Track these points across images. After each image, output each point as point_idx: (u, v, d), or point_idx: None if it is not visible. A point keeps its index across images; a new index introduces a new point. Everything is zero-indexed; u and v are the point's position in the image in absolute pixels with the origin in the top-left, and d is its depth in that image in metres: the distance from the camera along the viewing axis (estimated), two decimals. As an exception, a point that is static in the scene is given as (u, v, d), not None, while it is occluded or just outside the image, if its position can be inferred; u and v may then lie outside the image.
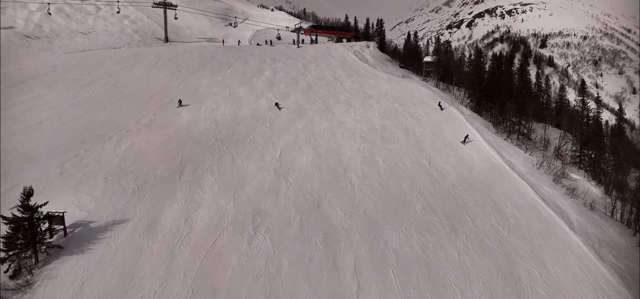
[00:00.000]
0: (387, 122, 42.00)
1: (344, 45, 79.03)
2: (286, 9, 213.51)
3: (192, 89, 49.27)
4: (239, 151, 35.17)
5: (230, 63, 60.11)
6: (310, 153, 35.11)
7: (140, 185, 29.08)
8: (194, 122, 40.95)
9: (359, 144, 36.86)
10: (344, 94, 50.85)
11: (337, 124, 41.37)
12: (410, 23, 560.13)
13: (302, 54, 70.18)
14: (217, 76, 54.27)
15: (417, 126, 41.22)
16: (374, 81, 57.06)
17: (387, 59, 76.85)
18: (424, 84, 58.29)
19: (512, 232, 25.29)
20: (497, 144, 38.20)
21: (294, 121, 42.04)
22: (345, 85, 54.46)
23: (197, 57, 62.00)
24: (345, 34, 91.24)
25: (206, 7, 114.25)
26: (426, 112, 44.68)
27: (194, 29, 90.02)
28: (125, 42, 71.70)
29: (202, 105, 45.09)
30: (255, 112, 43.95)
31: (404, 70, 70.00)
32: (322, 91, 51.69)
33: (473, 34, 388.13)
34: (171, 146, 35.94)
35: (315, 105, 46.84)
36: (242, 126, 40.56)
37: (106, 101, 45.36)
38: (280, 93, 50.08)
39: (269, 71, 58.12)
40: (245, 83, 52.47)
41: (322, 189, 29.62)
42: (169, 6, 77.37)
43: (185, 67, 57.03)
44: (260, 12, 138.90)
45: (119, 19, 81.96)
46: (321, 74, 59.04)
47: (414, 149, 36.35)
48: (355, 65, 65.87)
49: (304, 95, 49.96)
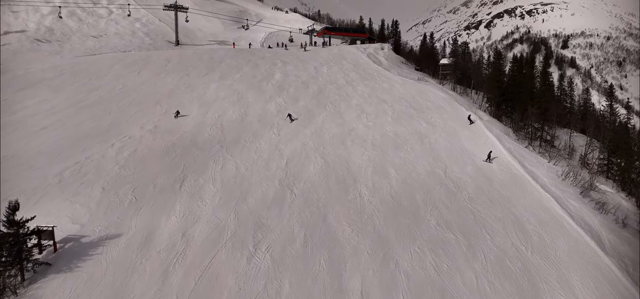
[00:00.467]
0: (401, 128, 40.03)
1: (358, 48, 77.18)
2: (301, 10, 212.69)
3: (200, 94, 48.12)
4: (243, 159, 33.71)
5: (240, 67, 58.90)
6: (318, 162, 33.41)
7: (138, 196, 27.82)
8: (199, 128, 39.73)
9: (370, 153, 35.00)
10: (355, 98, 49.02)
11: (348, 131, 39.57)
12: (427, 24, 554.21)
13: (314, 56, 68.60)
14: (226, 80, 53.06)
15: (432, 132, 39.14)
16: (387, 85, 55.09)
17: (402, 62, 74.70)
18: (440, 88, 56.05)
19: (536, 252, 23.12)
20: (518, 153, 35.87)
21: (303, 127, 40.41)
22: (358, 89, 52.62)
23: (207, 60, 60.99)
24: (359, 36, 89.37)
25: (219, 9, 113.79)
26: (442, 118, 42.52)
27: (205, 31, 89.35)
28: (136, 45, 71.25)
29: (208, 110, 43.87)
30: (263, 118, 42.49)
31: (419, 73, 67.79)
32: (333, 95, 49.96)
33: (492, 34, 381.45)
34: (174, 153, 34.72)
35: (325, 110, 45.15)
36: (249, 132, 39.13)
37: (112, 105, 44.55)
38: (290, 97, 48.56)
39: (279, 75, 56.69)
40: (254, 87, 51.11)
41: (329, 201, 27.88)
42: (179, 9, 76.76)
43: (193, 71, 56.02)
44: (274, 14, 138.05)
45: (131, 22, 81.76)
46: (333, 77, 57.32)
47: (428, 157, 34.31)
48: (368, 68, 63.95)
49: (314, 99, 48.33)
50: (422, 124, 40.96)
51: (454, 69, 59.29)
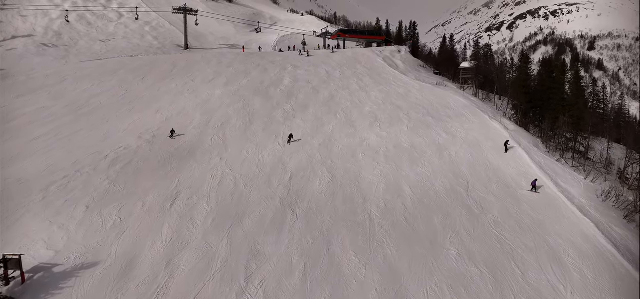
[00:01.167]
0: (417, 139, 36.76)
1: (373, 51, 74.03)
2: (317, 13, 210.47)
3: (204, 100, 45.76)
4: (244, 174, 31.01)
5: (248, 71, 56.45)
6: (325, 177, 30.46)
7: (123, 216, 25.33)
8: (200, 137, 37.29)
9: (382, 167, 31.88)
10: (369, 105, 45.93)
11: (359, 142, 36.53)
12: (447, 26, 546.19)
13: (327, 60, 65.75)
14: (232, 86, 50.63)
15: (452, 144, 35.75)
16: (403, 90, 51.82)
17: (420, 65, 71.25)
18: (461, 93, 52.49)
19: (577, 293, 19.66)
20: (550, 168, 32.22)
21: (311, 137, 37.57)
22: (371, 95, 49.51)
23: (214, 65, 58.76)
24: (374, 38, 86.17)
25: (232, 12, 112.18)
26: (463, 128, 39.07)
27: (216, 35, 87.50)
28: (144, 49, 69.65)
29: (212, 118, 41.44)
30: (268, 127, 39.83)
31: (438, 77, 64.25)
32: (345, 101, 46.98)
33: (514, 36, 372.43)
34: (170, 166, 32.27)
35: (336, 118, 42.21)
36: (252, 142, 36.48)
37: (111, 113, 42.49)
38: (299, 104, 45.80)
39: (288, 80, 54.02)
40: (261, 93, 48.52)
41: (335, 224, 24.90)
42: (189, 12, 74.98)
43: (199, 76, 53.80)
44: (289, 17, 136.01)
45: (140, 26, 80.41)
46: (345, 82, 54.33)
47: (448, 173, 30.98)
48: (383, 72, 60.77)
49: (325, 106, 45.44)
50: (441, 135, 37.60)
51: (475, 73, 55.60)
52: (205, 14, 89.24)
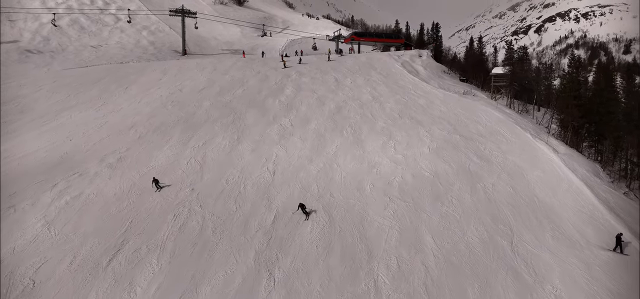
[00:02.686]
0: (442, 165, 29.46)
1: (391, 55, 66.82)
2: (334, 17, 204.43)
3: (188, 114, 39.47)
4: (216, 212, 24.39)
5: (245, 79, 50.07)
6: (320, 219, 23.53)
7: (39, 280, 18.93)
8: (173, 162, 30.90)
9: (396, 204, 24.73)
10: (382, 119, 38.84)
11: (368, 167, 29.48)
12: (470, 30, 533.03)
13: (337, 66, 58.91)
14: (225, 96, 44.28)
15: (487, 172, 28.33)
16: (425, 101, 44.49)
17: (444, 71, 63.66)
18: (493, 105, 44.85)
19: None
20: (622, 208, 24.46)
21: (308, 161, 30.72)
22: (386, 106, 42.38)
23: (208, 72, 52.61)
24: (393, 42, 78.89)
25: (241, 16, 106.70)
26: (500, 149, 31.59)
27: (220, 39, 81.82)
28: (137, 55, 64.24)
29: (193, 135, 35.06)
30: (258, 147, 33.19)
31: (465, 85, 56.62)
32: (355, 114, 40.00)
33: (542, 40, 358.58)
34: (128, 200, 25.93)
35: (342, 136, 35.25)
36: (235, 169, 29.85)
37: (79, 129, 36.57)
38: (299, 119, 39.07)
39: (291, 89, 47.36)
40: (256, 105, 41.99)
41: (327, 296, 17.90)
42: (187, 14, 69.30)
43: (189, 85, 47.67)
44: (303, 21, 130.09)
45: (137, 31, 75.30)
46: (356, 92, 47.34)
47: (484, 215, 23.62)
48: (401, 80, 53.54)
49: (330, 121, 38.56)
50: (472, 159, 30.18)
51: (511, 81, 47.69)
52: (207, 17, 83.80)
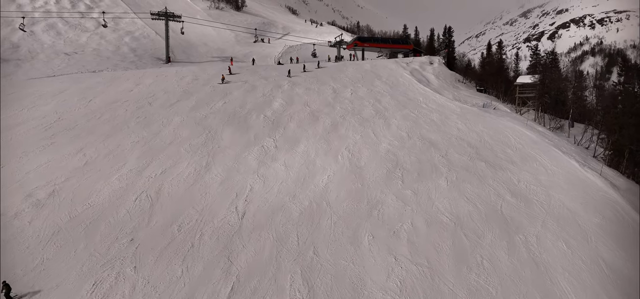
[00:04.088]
0: (465, 205, 22.56)
1: (398, 62, 60.20)
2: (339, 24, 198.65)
3: (152, 133, 33.00)
4: (152, 280, 17.84)
5: (229, 91, 43.65)
6: (297, 293, 16.73)
7: None
8: (119, 197, 24.44)
9: (404, 269, 17.90)
10: (387, 139, 32.09)
11: (367, 208, 22.70)
12: (480, 37, 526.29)
13: (337, 74, 52.34)
14: (200, 110, 37.82)
15: (527, 217, 21.39)
16: (438, 116, 37.69)
17: (459, 80, 56.83)
18: (521, 120, 37.89)
19: None
20: None
21: (290, 198, 24.05)
22: (392, 123, 35.65)
23: (188, 82, 46.27)
24: (400, 48, 72.21)
25: (239, 21, 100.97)
26: (540, 183, 24.61)
27: (211, 46, 75.75)
28: (114, 63, 58.20)
29: (152, 161, 28.57)
30: (229, 177, 26.61)
31: (484, 96, 49.75)
32: (354, 134, 33.30)
33: (556, 46, 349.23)
34: (42, 256, 19.44)
35: (336, 162, 28.53)
36: (195, 208, 23.26)
37: (15, 152, 30.22)
38: (286, 139, 32.47)
39: (280, 101, 40.85)
40: (237, 122, 35.49)
41: None
42: (171, 18, 63.19)
43: (161, 97, 41.29)
44: (305, 27, 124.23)
45: (119, 36, 69.44)
46: (357, 105, 40.70)
47: (532, 289, 16.69)
48: (410, 90, 46.82)
49: (323, 142, 31.90)
50: (505, 197, 23.23)
51: (541, 92, 40.55)
52: (198, 21, 77.83)
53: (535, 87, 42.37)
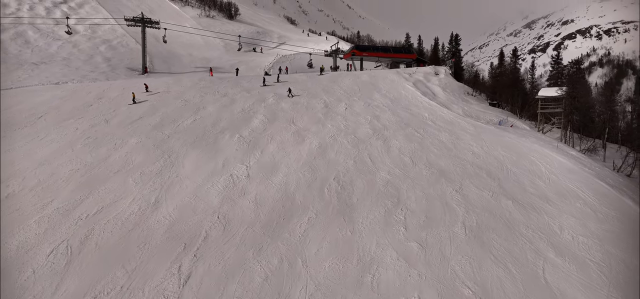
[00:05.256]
0: (493, 269, 16.50)
1: (400, 73, 54.52)
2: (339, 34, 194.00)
3: (98, 159, 27.16)
4: None
5: (203, 104, 37.95)
6: None
7: None
8: (34, 247, 18.77)
9: None
10: (387, 166, 26.18)
11: (358, 271, 16.71)
12: (484, 49, 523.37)
13: (331, 86, 46.66)
14: (164, 129, 32.02)
15: (584, 291, 15.29)
16: (448, 136, 31.81)
17: (468, 92, 51.08)
18: (547, 141, 31.97)
19: None
20: None
21: (255, 254, 18.08)
22: (393, 145, 29.78)
23: (158, 95, 40.62)
24: (402, 57, 66.59)
25: (230, 29, 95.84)
26: (592, 234, 18.54)
27: (196, 55, 70.32)
28: (82, 74, 52.65)
29: (88, 197, 22.72)
30: (178, 222, 20.68)
31: (498, 111, 44.02)
32: (345, 159, 27.42)
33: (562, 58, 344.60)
34: None
35: (321, 199, 22.61)
36: (124, 268, 17.38)
37: None
38: (262, 165, 26.61)
39: (261, 118, 35.09)
40: (203, 144, 29.66)
41: None
42: (148, 24, 57.66)
43: (123, 114, 35.58)
44: (302, 37, 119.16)
45: (95, 45, 64.14)
46: (352, 122, 34.91)
47: None
48: (414, 105, 41.08)
49: (307, 169, 26.01)
50: (547, 256, 17.10)
51: (570, 108, 34.47)
52: (180, 28, 72.47)
53: (561, 101, 36.43)
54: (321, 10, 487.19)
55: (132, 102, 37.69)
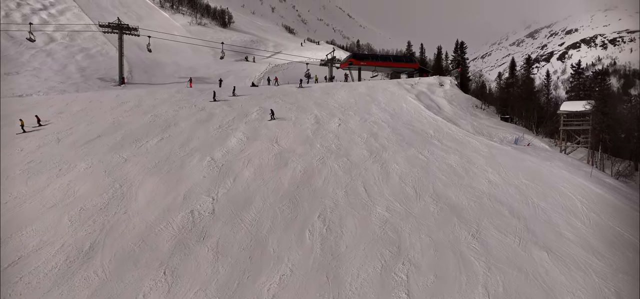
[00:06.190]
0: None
1: (401, 84, 49.94)
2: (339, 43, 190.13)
3: (32, 190, 22.48)
4: None
5: (175, 120, 33.33)
6: None
7: None
8: None
9: None
10: (385, 199, 21.47)
11: None
12: (486, 58, 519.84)
13: (325, 98, 42.12)
14: (123, 151, 27.34)
15: None
16: (458, 159, 27.12)
17: (476, 105, 46.44)
18: (577, 166, 27.21)
19: None
20: None
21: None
22: (393, 171, 25.08)
23: (126, 109, 36.01)
24: (404, 66, 62.10)
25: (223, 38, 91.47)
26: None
27: (182, 65, 66.01)
28: (51, 85, 48.18)
29: (12, 236, 18.19)
30: (121, 269, 16.04)
31: (511, 127, 39.39)
32: (335, 188, 22.73)
33: (567, 67, 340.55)
34: None
35: (300, 246, 17.94)
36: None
37: None
38: (231, 198, 21.93)
39: (239, 136, 30.49)
40: (165, 170, 24.95)
41: None
42: (127, 31, 53.19)
43: (80, 131, 30.94)
44: (298, 46, 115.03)
45: (71, 54, 59.87)
46: (346, 141, 30.27)
47: None
48: (417, 120, 36.46)
49: (287, 203, 21.33)
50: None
51: (603, 125, 29.58)
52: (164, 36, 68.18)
53: (587, 117, 31.72)
54: (321, 19, 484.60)
55: (22, 131, 30.63)
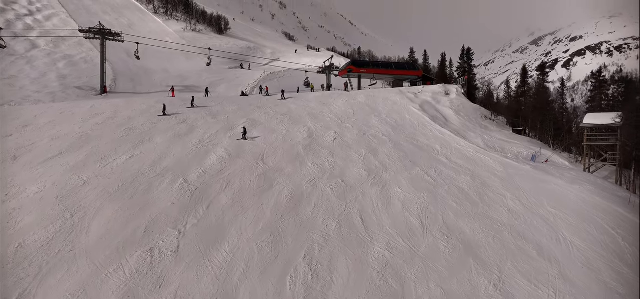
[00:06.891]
0: None
1: (403, 93, 46.54)
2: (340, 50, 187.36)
3: (-30, 218, 19.03)
4: None
5: (150, 135, 29.95)
6: None
7: None
8: None
9: None
10: (385, 233, 17.99)
11: None
12: (489, 66, 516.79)
13: (320, 110, 38.75)
14: (84, 171, 23.92)
15: None
16: (470, 181, 23.64)
17: (485, 116, 42.97)
18: (607, 189, 23.66)
19: None
20: None
21: None
22: (394, 195, 21.61)
23: (97, 122, 32.61)
24: (406, 74, 58.78)
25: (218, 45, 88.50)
26: None
27: (171, 72, 62.92)
28: (25, 95, 44.97)
29: None
30: None
31: (525, 140, 35.91)
32: (325, 220, 19.25)
33: (572, 75, 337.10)
34: None
35: (280, 295, 14.34)
36: None
37: None
38: (203, 230, 18.48)
39: (221, 153, 27.10)
40: (128, 195, 21.52)
41: None
42: (109, 36, 49.94)
43: (40, 147, 27.60)
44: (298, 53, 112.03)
45: (53, 61, 56.81)
46: (341, 158, 26.85)
47: None
48: (421, 133, 33.02)
49: (267, 238, 17.86)
50: None
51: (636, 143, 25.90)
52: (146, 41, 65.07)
53: (616, 131, 28.17)
54: (322, 26, 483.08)
55: None
